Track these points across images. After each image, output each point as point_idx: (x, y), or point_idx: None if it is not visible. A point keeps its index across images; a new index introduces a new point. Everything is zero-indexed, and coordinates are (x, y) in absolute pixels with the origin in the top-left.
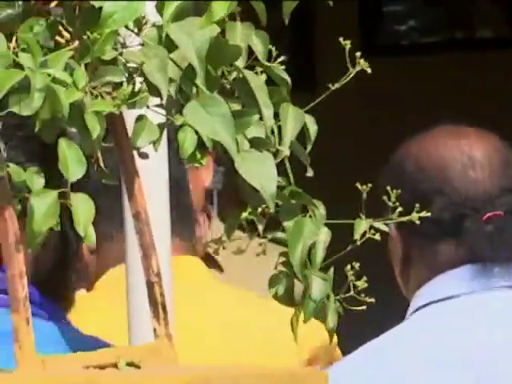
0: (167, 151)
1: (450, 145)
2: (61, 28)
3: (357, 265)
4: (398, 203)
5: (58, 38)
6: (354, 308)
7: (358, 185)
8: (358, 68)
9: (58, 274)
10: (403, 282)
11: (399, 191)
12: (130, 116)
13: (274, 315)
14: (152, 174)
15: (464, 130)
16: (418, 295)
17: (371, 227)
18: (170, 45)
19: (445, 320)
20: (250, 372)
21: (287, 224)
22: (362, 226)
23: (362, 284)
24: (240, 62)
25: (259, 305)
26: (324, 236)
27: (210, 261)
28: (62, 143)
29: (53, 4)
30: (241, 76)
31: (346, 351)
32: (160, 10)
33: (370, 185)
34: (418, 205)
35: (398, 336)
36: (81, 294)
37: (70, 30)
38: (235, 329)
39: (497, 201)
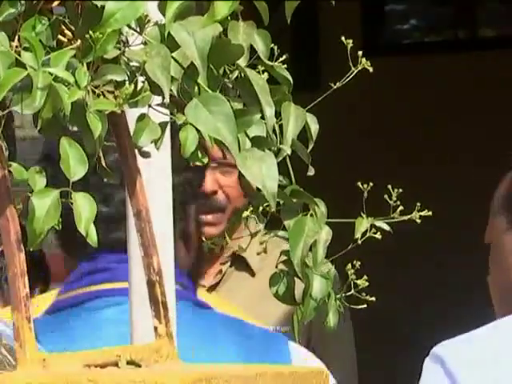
0: (170, 150)
1: None
2: (63, 27)
3: (358, 263)
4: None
5: (60, 37)
6: (355, 306)
7: (360, 184)
8: (359, 67)
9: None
10: None
11: (400, 190)
12: (131, 115)
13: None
14: (155, 174)
15: None
16: None
17: (372, 226)
18: (172, 44)
19: None
20: (252, 370)
21: (288, 223)
22: (363, 224)
23: (362, 283)
24: (242, 61)
25: None
26: (325, 235)
27: (240, 263)
28: (64, 142)
29: (55, 3)
30: (243, 75)
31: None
32: (162, 8)
33: (371, 184)
34: (418, 204)
35: None
36: None
37: (73, 28)
38: None
39: None
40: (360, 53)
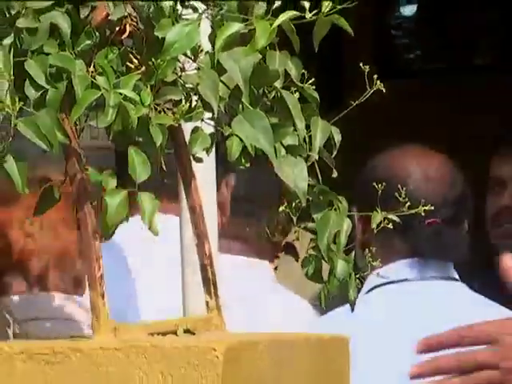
0: (215, 156)
1: (412, 161)
2: (131, 56)
3: (373, 249)
4: (406, 198)
5: (128, 63)
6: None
7: (375, 184)
8: (374, 88)
9: None
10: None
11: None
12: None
13: None
14: (202, 175)
15: (425, 151)
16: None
17: (385, 218)
18: (220, 69)
19: (396, 300)
20: (288, 336)
21: (316, 216)
22: (377, 217)
23: (377, 264)
24: (278, 83)
25: None
26: (346, 226)
27: (290, 249)
28: (132, 150)
29: (124, 36)
30: (279, 95)
31: None
32: (212, 40)
33: (384, 184)
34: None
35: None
36: None
37: (138, 57)
38: None
39: (439, 210)
40: (375, 76)
